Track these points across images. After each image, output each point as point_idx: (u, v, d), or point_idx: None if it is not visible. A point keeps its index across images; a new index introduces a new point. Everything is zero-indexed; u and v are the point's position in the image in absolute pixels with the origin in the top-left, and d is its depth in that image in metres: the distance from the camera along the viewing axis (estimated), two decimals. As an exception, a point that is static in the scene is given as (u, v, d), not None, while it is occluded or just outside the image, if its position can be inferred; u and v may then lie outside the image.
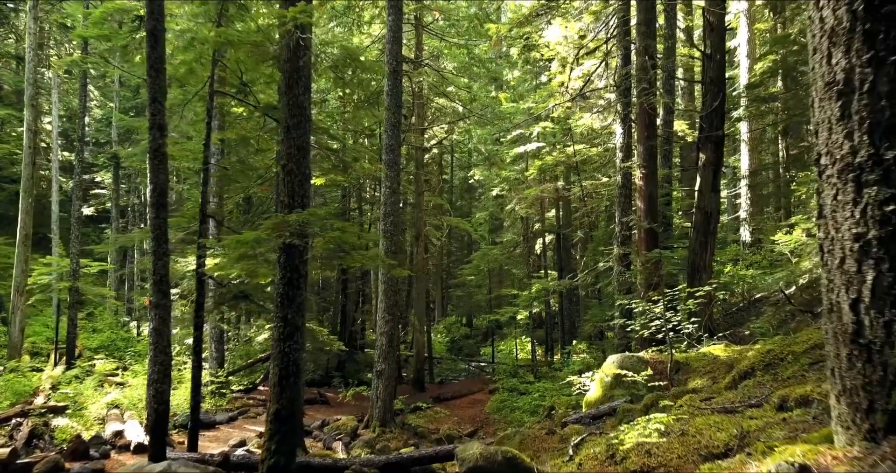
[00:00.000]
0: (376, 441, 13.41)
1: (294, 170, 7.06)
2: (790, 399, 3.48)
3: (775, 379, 5.15)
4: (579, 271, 19.21)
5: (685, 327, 9.13)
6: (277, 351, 6.84)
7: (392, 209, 14.36)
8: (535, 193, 23.04)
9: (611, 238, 20.07)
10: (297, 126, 7.12)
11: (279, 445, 6.61)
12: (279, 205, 7.00)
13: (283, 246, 6.90)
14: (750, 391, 4.84)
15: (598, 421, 7.70)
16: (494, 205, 31.45)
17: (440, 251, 33.29)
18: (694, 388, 6.95)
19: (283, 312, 6.90)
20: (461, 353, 31.24)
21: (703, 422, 3.68)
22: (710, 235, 12.29)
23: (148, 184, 8.78)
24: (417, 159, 22.11)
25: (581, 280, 15.45)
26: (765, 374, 5.43)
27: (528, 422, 14.84)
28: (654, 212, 12.99)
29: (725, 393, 5.21)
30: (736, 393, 5.01)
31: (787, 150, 23.53)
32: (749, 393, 4.75)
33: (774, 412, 3.53)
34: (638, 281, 12.65)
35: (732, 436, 3.18)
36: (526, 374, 20.88)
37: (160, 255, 8.32)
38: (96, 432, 12.13)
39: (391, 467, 8.19)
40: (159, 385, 8.08)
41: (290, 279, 6.91)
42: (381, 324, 14.35)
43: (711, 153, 12.25)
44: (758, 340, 9.51)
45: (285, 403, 6.73)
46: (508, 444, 7.43)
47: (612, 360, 8.75)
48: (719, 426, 3.51)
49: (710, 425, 3.56)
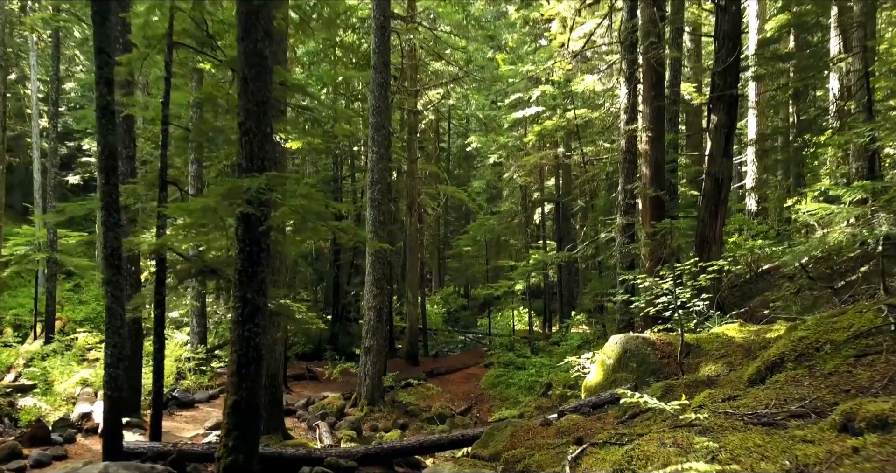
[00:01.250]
0: (364, 421, 12.75)
1: (253, 129, 6.13)
2: (858, 417, 2.65)
3: (812, 375, 4.32)
4: (579, 242, 18.37)
5: (695, 304, 8.31)
6: (236, 336, 6.02)
7: (379, 176, 13.42)
8: (534, 160, 22.07)
9: (613, 207, 19.16)
10: (256, 78, 6.17)
11: (238, 442, 5.83)
12: (237, 169, 6.11)
13: (240, 215, 6.03)
14: (784, 390, 4.01)
15: (600, 410, 6.92)
16: (492, 173, 30.47)
17: (437, 221, 32.41)
18: (708, 377, 6.15)
19: (243, 291, 6.06)
20: (457, 325, 30.62)
21: (739, 442, 2.85)
22: (720, 204, 11.39)
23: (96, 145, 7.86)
24: (410, 124, 21.06)
25: (581, 252, 14.60)
26: (797, 367, 4.60)
27: (523, 401, 14.17)
28: (661, 178, 12.08)
29: (753, 390, 4.39)
30: (766, 391, 4.18)
31: (798, 115, 22.48)
32: (784, 394, 3.93)
33: (835, 433, 2.70)
34: (642, 254, 11.81)
35: (785, 472, 2.36)
36: (523, 347, 20.22)
37: (111, 226, 7.43)
38: (64, 413, 11.43)
39: (370, 458, 7.46)
40: (113, 369, 7.27)
41: (249, 253, 6.05)
42: (368, 298, 13.56)
43: (724, 114, 11.27)
44: (777, 319, 8.70)
45: (245, 394, 5.93)
46: (498, 438, 6.67)
47: (615, 341, 7.94)
48: (762, 450, 2.69)
49: (748, 448, 2.73)
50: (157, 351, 8.21)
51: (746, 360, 6.41)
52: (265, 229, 5.88)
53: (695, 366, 7.00)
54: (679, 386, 6.05)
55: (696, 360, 7.20)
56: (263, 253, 6.14)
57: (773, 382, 4.44)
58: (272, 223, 5.74)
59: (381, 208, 13.58)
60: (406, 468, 7.61)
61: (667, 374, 7.19)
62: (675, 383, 6.16)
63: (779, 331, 7.02)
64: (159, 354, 8.19)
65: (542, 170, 25.04)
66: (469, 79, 22.60)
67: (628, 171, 12.72)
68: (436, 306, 32.03)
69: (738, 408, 3.82)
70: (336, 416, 12.69)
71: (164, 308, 8.32)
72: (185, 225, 6.42)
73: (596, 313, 19.07)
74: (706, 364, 6.82)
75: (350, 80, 21.76)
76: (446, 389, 16.63)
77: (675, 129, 17.02)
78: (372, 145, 13.54)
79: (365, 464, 7.42)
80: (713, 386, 5.79)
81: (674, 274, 7.21)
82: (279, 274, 10.82)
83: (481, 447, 6.75)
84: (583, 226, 25.31)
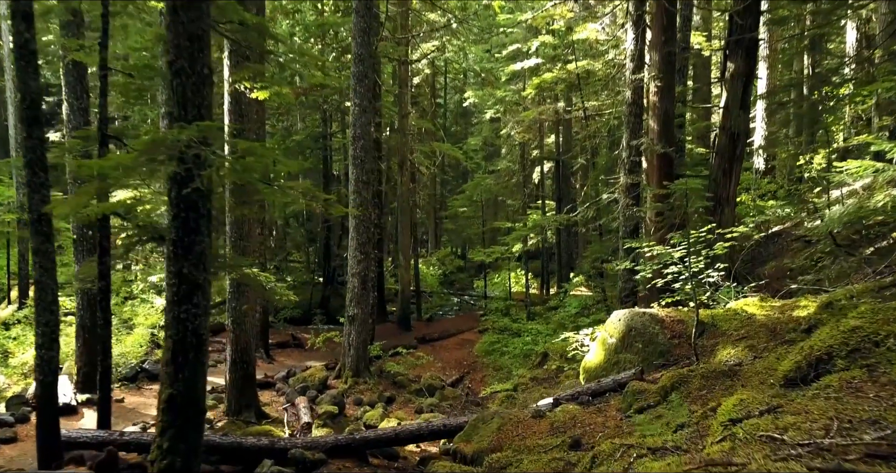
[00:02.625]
0: (348, 394, 11.97)
1: (186, 70, 5.04)
2: None
3: (874, 380, 3.38)
4: (579, 203, 17.33)
5: (708, 275, 7.38)
6: (171, 318, 5.06)
7: (363, 131, 12.30)
8: (533, 115, 20.83)
9: (615, 165, 18.05)
10: (187, 6, 5.05)
11: (174, 442, 4.94)
12: (167, 118, 5.06)
13: (172, 176, 5.00)
14: (844, 404, 3.08)
15: (600, 399, 6.05)
16: (489, 129, 29.17)
17: (433, 180, 31.26)
18: (729, 366, 5.23)
19: (178, 265, 5.07)
20: (453, 287, 29.84)
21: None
22: (735, 161, 10.37)
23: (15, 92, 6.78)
24: (401, 76, 19.75)
25: (581, 214, 13.59)
26: (851, 366, 3.66)
27: (517, 372, 13.38)
28: (671, 133, 10.99)
29: (797, 398, 3.45)
30: (817, 402, 3.25)
31: (814, 66, 21.15)
32: (845, 410, 2.99)
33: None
34: (647, 217, 10.80)
35: None
36: (519, 312, 19.42)
37: (37, 187, 6.43)
38: (22, 388, 10.64)
39: (340, 449, 6.61)
40: (46, 351, 6.38)
41: (185, 220, 5.05)
42: (352, 264, 12.61)
43: (742, 61, 10.13)
44: (799, 292, 7.76)
45: (183, 387, 5.01)
46: (484, 431, 5.80)
47: (619, 317, 7.02)
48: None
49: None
50: (104, 326, 7.30)
51: (773, 344, 5.49)
52: (198, 190, 4.86)
53: (710, 349, 6.09)
54: (694, 376, 5.14)
55: (711, 341, 6.29)
56: (203, 220, 5.13)
57: (824, 388, 3.50)
58: (200, 184, 4.71)
59: (366, 167, 12.50)
60: (382, 459, 6.80)
61: (677, 357, 6.29)
62: (689, 372, 5.25)
63: (808, 308, 6.09)
64: (104, 331, 7.28)
65: (542, 126, 23.81)
66: (464, 28, 21.14)
67: (634, 126, 11.60)
68: (431, 268, 31.19)
69: (787, 432, 2.88)
70: (318, 389, 11.90)
71: (109, 279, 7.36)
72: (103, 187, 5.43)
73: (596, 277, 18.17)
74: (724, 346, 5.91)
75: (337, 30, 20.35)
76: (438, 356, 15.85)
77: (683, 81, 15.74)
78: (354, 97, 12.38)
79: (335, 456, 6.59)
80: (736, 378, 4.88)
81: (688, 241, 6.23)
82: (249, 239, 9.85)
83: (464, 440, 5.90)
84: (583, 185, 24.23)
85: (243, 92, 9.22)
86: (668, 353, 6.35)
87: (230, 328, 9.56)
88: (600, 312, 15.18)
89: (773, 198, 17.18)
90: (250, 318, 9.74)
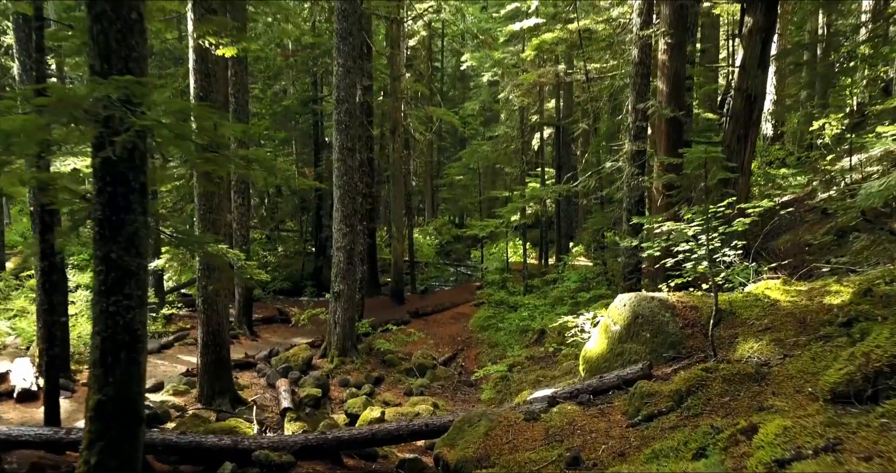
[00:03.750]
0: (333, 374, 11.33)
1: (108, 14, 4.17)
2: None
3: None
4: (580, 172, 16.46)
5: (724, 254, 6.60)
6: (99, 311, 4.30)
7: (347, 93, 11.37)
8: (533, 78, 19.72)
9: (618, 131, 17.11)
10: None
11: (104, 457, 4.22)
12: (91, 72, 4.22)
13: (95, 141, 4.18)
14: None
15: (602, 398, 5.32)
16: (487, 93, 28.04)
17: (429, 146, 30.24)
18: (755, 366, 4.47)
19: (106, 249, 4.28)
20: (450, 257, 29.10)
21: None
22: (751, 126, 9.49)
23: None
24: (392, 36, 18.65)
25: (582, 184, 12.73)
26: (924, 384, 2.90)
27: (513, 350, 12.72)
28: (681, 96, 10.09)
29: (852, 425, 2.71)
30: (887, 436, 2.51)
31: (829, 27, 20.03)
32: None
33: None
34: (654, 188, 9.97)
35: None
36: (516, 285, 18.71)
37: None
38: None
39: (311, 450, 5.93)
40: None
41: (112, 196, 4.24)
42: (337, 237, 11.84)
43: (762, 15, 9.16)
44: (825, 274, 6.99)
45: (114, 391, 4.27)
46: (469, 436, 5.08)
47: (623, 302, 6.26)
48: None
49: None
50: (47, 312, 6.54)
51: (804, 339, 4.73)
52: (127, 161, 4.04)
53: (729, 341, 5.34)
54: (714, 379, 4.39)
55: (729, 331, 5.53)
56: (134, 196, 4.32)
57: (894, 415, 2.74)
58: (112, 151, 3.88)
59: (351, 132, 11.61)
60: (358, 459, 6.14)
61: (690, 350, 5.54)
62: (708, 374, 4.50)
63: (841, 295, 5.32)
64: (50, 317, 6.53)
65: (542, 90, 22.73)
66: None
67: (641, 88, 10.65)
68: (428, 237, 30.42)
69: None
70: (301, 370, 11.24)
71: (54, 259, 6.57)
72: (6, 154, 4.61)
73: (597, 249, 17.39)
74: (745, 339, 5.16)
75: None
76: (431, 332, 15.18)
77: (693, 40, 14.66)
78: (338, 57, 11.41)
79: (305, 457, 5.91)
80: (765, 384, 4.13)
81: (706, 216, 5.43)
82: (220, 213, 9.03)
83: (448, 445, 5.19)
84: (584, 152, 23.27)
85: (208, 49, 8.29)
86: (679, 344, 5.61)
87: (200, 308, 8.82)
88: (601, 287, 14.45)
89: (783, 166, 16.31)
90: (222, 298, 8.98)
